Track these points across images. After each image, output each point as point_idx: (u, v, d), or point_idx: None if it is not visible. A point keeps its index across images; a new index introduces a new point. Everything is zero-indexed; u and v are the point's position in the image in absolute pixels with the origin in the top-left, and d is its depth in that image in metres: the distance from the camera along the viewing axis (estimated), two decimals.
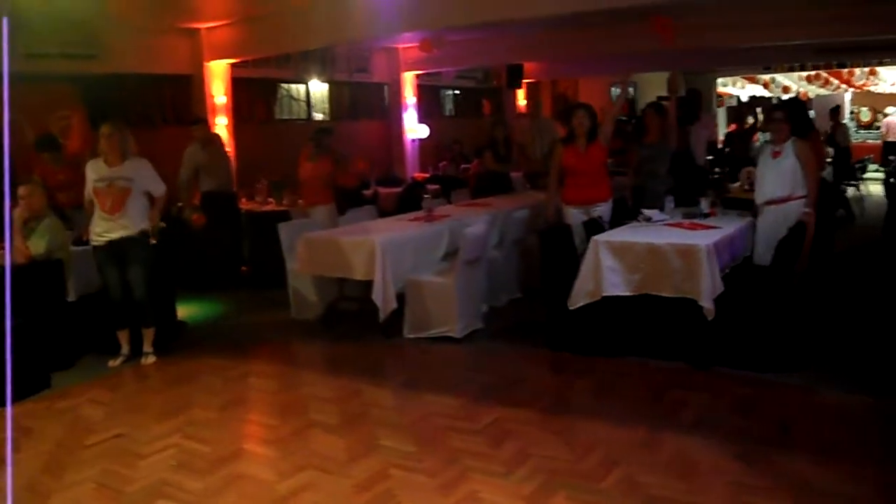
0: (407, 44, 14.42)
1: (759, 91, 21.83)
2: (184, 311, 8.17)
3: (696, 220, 7.29)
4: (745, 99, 22.53)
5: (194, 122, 9.96)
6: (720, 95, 22.29)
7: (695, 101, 10.99)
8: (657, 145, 8.59)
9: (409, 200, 11.47)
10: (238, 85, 11.79)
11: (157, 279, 7.06)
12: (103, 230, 6.74)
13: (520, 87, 18.12)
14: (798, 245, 6.73)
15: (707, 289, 6.14)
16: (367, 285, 7.37)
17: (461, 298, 7.18)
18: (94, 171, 6.76)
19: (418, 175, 14.80)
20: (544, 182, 10.59)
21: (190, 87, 11.38)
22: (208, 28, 11.06)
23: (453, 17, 9.41)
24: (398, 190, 12.69)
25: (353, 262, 7.20)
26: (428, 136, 15.68)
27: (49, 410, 5.90)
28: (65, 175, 8.28)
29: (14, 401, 5.98)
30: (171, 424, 5.51)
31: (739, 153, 14.59)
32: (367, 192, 11.98)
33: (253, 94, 12.54)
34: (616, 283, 6.54)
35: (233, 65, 11.55)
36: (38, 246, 6.68)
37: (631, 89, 20.97)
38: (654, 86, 20.92)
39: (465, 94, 18.14)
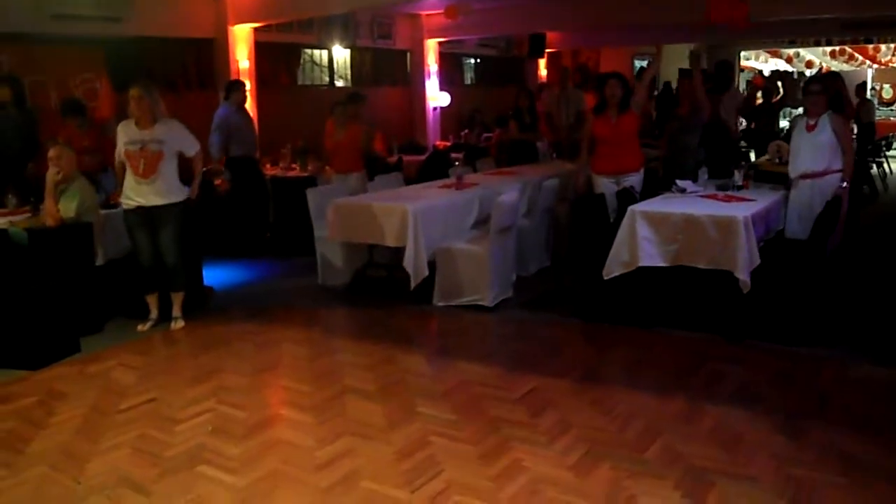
0: (430, 10, 14.28)
1: (782, 65, 21.58)
2: (210, 276, 8.07)
3: (730, 192, 7.19)
4: (766, 73, 22.26)
5: (232, 84, 9.86)
6: (742, 69, 22.04)
7: (725, 72, 10.82)
8: (688, 117, 8.46)
9: (432, 168, 11.39)
10: (261, 50, 11.64)
11: (186, 243, 6.99)
12: (136, 194, 6.64)
13: (542, 56, 17.94)
14: (835, 220, 6.66)
15: (744, 261, 6.06)
16: (397, 252, 7.33)
17: (493, 267, 7.10)
18: (126, 134, 6.64)
19: (440, 143, 14.69)
20: (570, 151, 10.56)
21: (213, 51, 11.24)
22: None
23: None
24: (421, 157, 12.59)
25: (384, 229, 7.12)
26: (449, 105, 15.54)
27: (81, 374, 5.84)
28: (90, 140, 8.20)
29: (44, 364, 5.98)
30: (204, 389, 5.45)
31: (766, 127, 14.42)
32: (392, 159, 11.89)
33: (276, 60, 12.38)
34: (652, 254, 6.46)
35: (256, 29, 11.41)
36: (68, 209, 6.60)
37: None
38: (675, 58, 20.71)
39: (487, 63, 17.96)
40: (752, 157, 13.65)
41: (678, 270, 6.42)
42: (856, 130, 14.51)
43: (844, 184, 6.96)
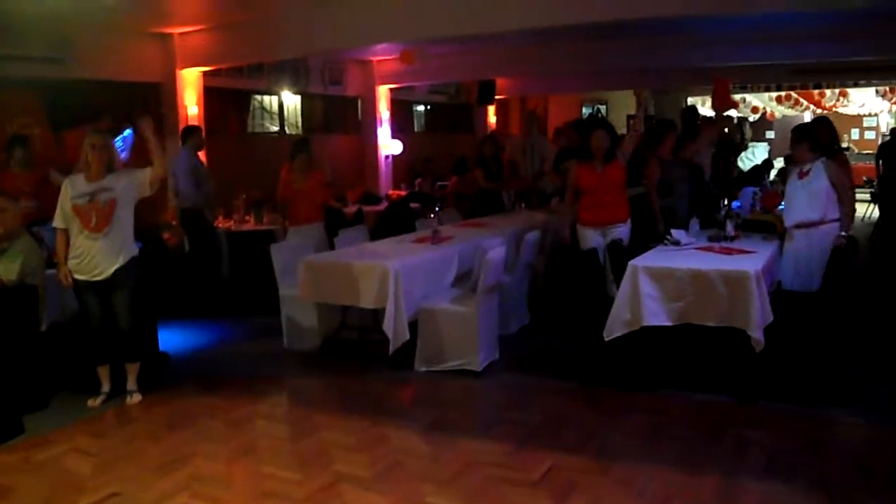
0: (382, 56, 13.85)
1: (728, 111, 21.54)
2: (162, 340, 7.26)
3: (724, 244, 6.75)
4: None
5: (189, 129, 9.39)
6: None
7: (693, 118, 10.52)
8: (685, 163, 8.10)
9: (391, 220, 10.80)
10: (210, 95, 11.02)
11: (141, 305, 6.26)
12: (85, 261, 5.88)
13: (492, 103, 17.61)
14: (841, 272, 6.30)
15: (757, 318, 5.64)
16: (371, 313, 6.80)
17: (482, 328, 6.52)
18: (73, 189, 5.91)
19: (392, 192, 14.13)
20: (538, 201, 10.12)
21: (160, 96, 10.58)
22: (181, 33, 10.27)
23: (433, 28, 8.84)
24: (378, 208, 12.01)
25: (361, 289, 6.49)
26: (399, 153, 15.04)
27: (27, 463, 5.05)
28: (29, 185, 7.52)
29: None
30: (174, 480, 4.72)
31: (726, 172, 14.16)
32: (349, 210, 11.29)
33: (225, 105, 11.74)
34: (656, 312, 5.98)
35: (205, 73, 10.79)
36: (9, 270, 5.86)
37: (603, 108, 20.63)
38: (623, 105, 20.63)
39: (437, 110, 17.55)
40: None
41: (682, 329, 5.97)
42: None
43: (843, 233, 6.59)
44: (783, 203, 7.40)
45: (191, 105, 10.52)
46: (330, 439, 5.31)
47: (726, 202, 9.84)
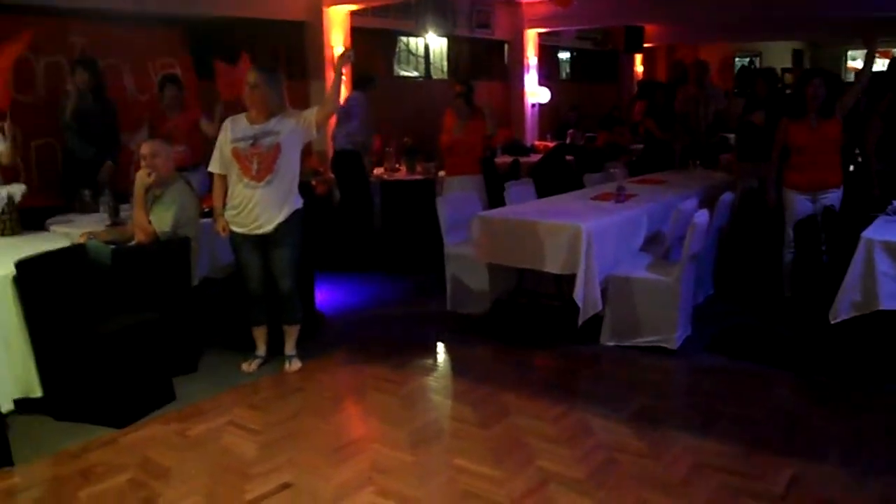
0: None
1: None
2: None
3: None
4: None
5: (373, 78, 9.00)
6: (849, 70, 20.33)
7: None
8: None
9: (546, 172, 10.00)
10: (357, 35, 10.37)
11: (303, 263, 5.62)
12: (248, 211, 5.22)
13: (639, 51, 16.59)
14: None
15: None
16: (552, 277, 6.05)
17: (682, 301, 5.69)
18: (233, 130, 5.25)
19: (538, 143, 13.30)
20: (709, 157, 9.24)
21: (304, 35, 9.98)
22: None
23: None
24: (530, 159, 11.21)
25: (547, 252, 5.71)
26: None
27: (182, 438, 4.47)
28: (183, 127, 7.01)
29: (133, 420, 4.68)
30: (352, 470, 4.05)
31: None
32: (503, 161, 10.55)
33: (372, 47, 11.12)
34: (895, 295, 5.03)
35: (352, 13, 10.16)
36: (163, 220, 5.28)
37: (756, 59, 19.34)
38: (778, 57, 19.30)
39: (582, 57, 16.59)
40: None
41: None
42: None
43: None
44: None
45: (337, 45, 9.92)
46: (524, 426, 4.56)
47: None
